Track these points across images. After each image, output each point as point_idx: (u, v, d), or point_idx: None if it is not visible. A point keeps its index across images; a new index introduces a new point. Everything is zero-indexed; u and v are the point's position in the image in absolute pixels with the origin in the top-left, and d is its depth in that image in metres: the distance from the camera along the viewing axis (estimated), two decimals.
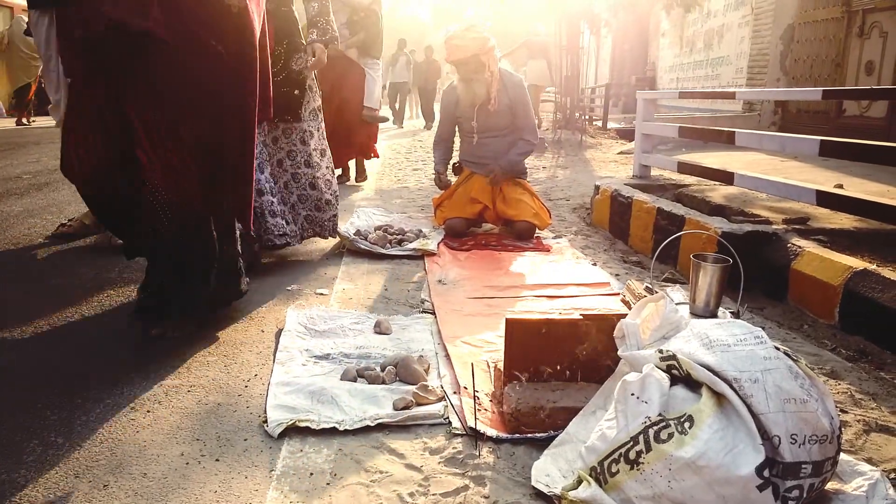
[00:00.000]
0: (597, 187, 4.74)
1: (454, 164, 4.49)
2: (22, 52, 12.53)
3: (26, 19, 15.66)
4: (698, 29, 13.21)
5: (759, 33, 10.08)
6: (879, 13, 7.68)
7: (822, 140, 3.15)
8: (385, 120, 6.27)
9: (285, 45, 3.34)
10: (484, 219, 4.33)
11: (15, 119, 13.55)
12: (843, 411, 1.91)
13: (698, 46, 13.21)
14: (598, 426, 1.47)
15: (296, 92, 3.39)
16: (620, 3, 11.42)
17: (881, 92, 5.35)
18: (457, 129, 4.46)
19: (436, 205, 4.46)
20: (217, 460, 1.65)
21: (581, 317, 1.87)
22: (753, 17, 10.31)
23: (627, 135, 10.64)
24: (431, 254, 3.65)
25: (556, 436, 1.68)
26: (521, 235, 4.03)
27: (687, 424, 1.32)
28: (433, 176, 4.55)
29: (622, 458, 1.36)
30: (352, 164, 6.65)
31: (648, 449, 1.33)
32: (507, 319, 1.85)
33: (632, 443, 1.35)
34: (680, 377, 1.43)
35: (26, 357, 2.23)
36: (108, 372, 2.13)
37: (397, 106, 16.79)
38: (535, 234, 4.11)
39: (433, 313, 2.73)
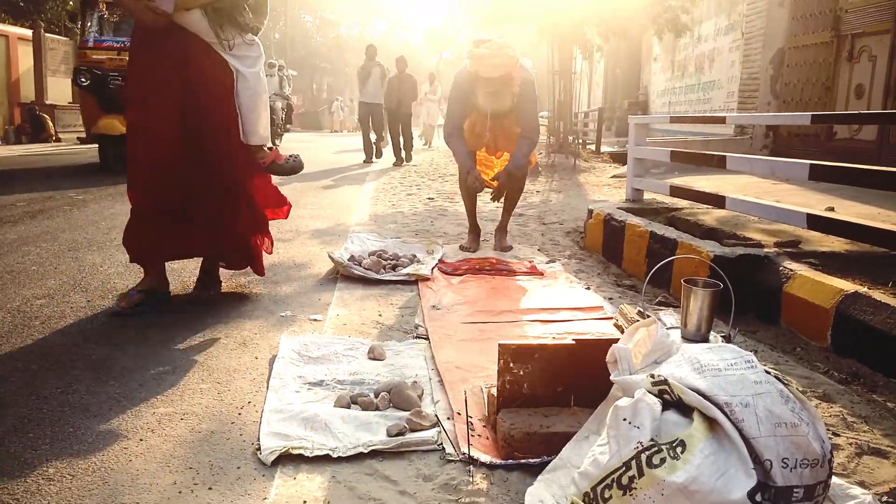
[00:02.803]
0: (590, 211, 4.76)
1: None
2: None
3: None
4: (689, 53, 13.36)
5: (750, 58, 10.20)
6: (868, 37, 7.78)
7: (811, 164, 3.18)
8: (297, 170, 3.42)
9: None
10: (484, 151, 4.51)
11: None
12: (835, 434, 1.92)
13: (690, 71, 13.36)
14: (591, 451, 1.47)
15: None
16: (612, 29, 11.54)
17: (871, 116, 5.41)
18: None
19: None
20: (210, 489, 1.65)
21: (574, 342, 1.87)
22: (744, 41, 10.43)
23: (620, 158, 10.70)
24: (425, 279, 3.66)
25: (550, 461, 1.68)
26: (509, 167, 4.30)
27: (679, 449, 1.32)
28: (459, 175, 4.50)
29: (615, 484, 1.36)
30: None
31: (641, 474, 1.33)
32: (500, 344, 1.86)
33: (624, 468, 1.35)
34: (672, 402, 1.43)
35: (15, 386, 2.23)
36: (99, 400, 2.12)
37: (373, 136, 13.10)
38: (531, 261, 4.13)
39: (427, 339, 2.73)
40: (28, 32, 17.77)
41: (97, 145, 9.26)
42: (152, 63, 2.95)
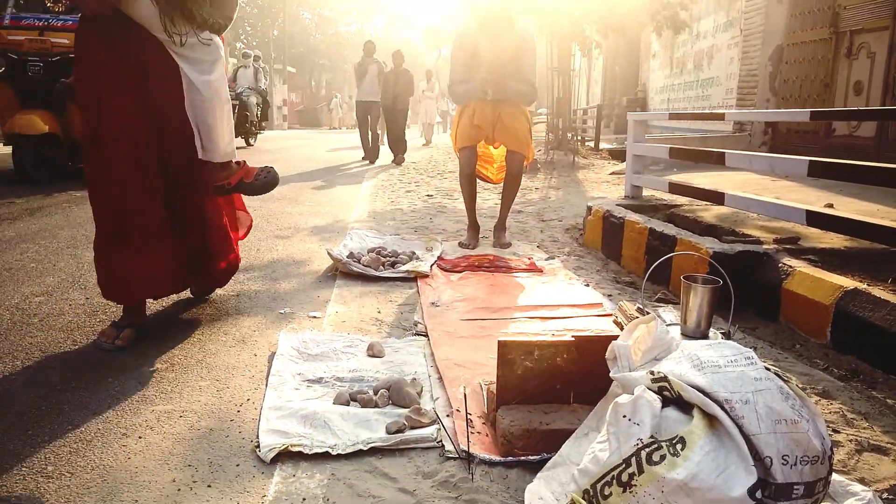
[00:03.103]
0: (589, 208, 4.76)
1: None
2: None
3: None
4: (688, 50, 13.34)
5: (749, 54, 10.19)
6: (867, 34, 7.77)
7: (810, 160, 3.17)
8: (270, 187, 3.03)
9: None
10: (484, 143, 4.53)
11: None
12: (835, 431, 1.91)
13: (688, 67, 13.34)
14: (591, 448, 1.47)
15: None
16: (611, 25, 11.53)
17: (869, 113, 5.41)
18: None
19: (453, 137, 4.58)
20: (209, 486, 1.65)
21: (573, 338, 1.87)
22: (742, 38, 10.42)
23: (619, 155, 10.70)
24: (424, 276, 3.66)
25: (550, 458, 1.68)
26: (509, 161, 4.34)
27: (679, 446, 1.32)
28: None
29: (615, 481, 1.36)
30: None
31: (641, 471, 1.33)
32: (499, 341, 1.86)
33: (624, 465, 1.35)
34: (671, 399, 1.43)
35: (15, 384, 2.22)
36: (98, 398, 2.12)
37: (373, 134, 12.14)
38: (530, 258, 4.13)
39: (426, 336, 2.73)
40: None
41: (10, 147, 7.24)
42: (107, 62, 2.47)
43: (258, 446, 1.80)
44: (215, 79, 2.63)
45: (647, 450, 1.34)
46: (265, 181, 2.96)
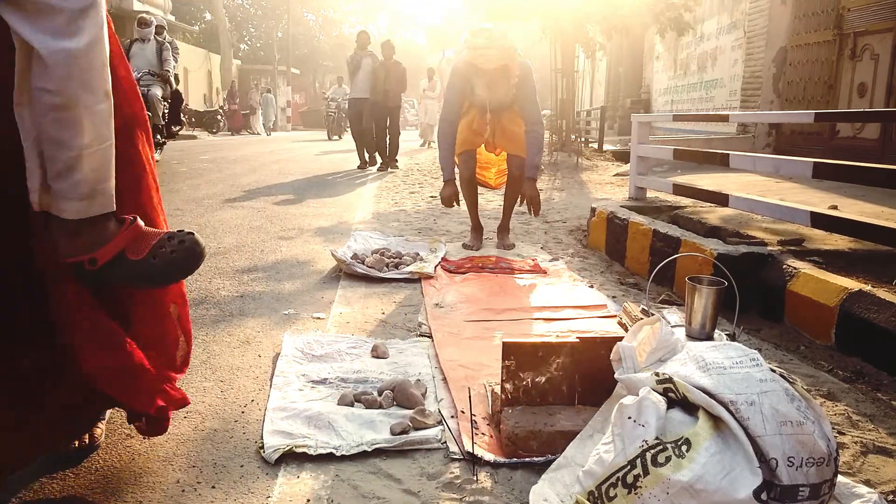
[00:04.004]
0: (593, 209, 4.75)
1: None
2: None
3: None
4: (692, 52, 13.34)
5: (752, 56, 10.18)
6: (871, 36, 7.76)
7: (815, 162, 3.17)
8: (189, 266, 1.49)
9: None
10: (483, 148, 4.48)
11: None
12: (840, 433, 1.91)
13: (692, 69, 13.33)
14: (596, 450, 1.47)
15: None
16: (615, 27, 11.53)
17: (873, 114, 5.40)
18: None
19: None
20: (213, 487, 1.65)
21: (578, 340, 1.87)
22: (746, 40, 10.41)
23: (623, 157, 10.70)
24: (428, 277, 3.66)
25: (554, 460, 1.68)
26: (510, 164, 4.31)
27: (684, 448, 1.32)
28: (439, 190, 4.40)
29: (620, 483, 1.36)
30: None
31: (646, 473, 1.32)
32: (503, 342, 1.86)
33: (629, 467, 1.35)
34: (676, 400, 1.43)
35: None
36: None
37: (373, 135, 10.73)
38: (534, 259, 4.13)
39: (430, 337, 2.73)
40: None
41: None
42: None
43: (262, 447, 1.80)
44: (83, 48, 1.26)
45: (652, 451, 1.34)
46: (171, 260, 1.46)
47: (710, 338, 1.98)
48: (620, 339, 1.74)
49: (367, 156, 10.75)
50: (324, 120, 21.97)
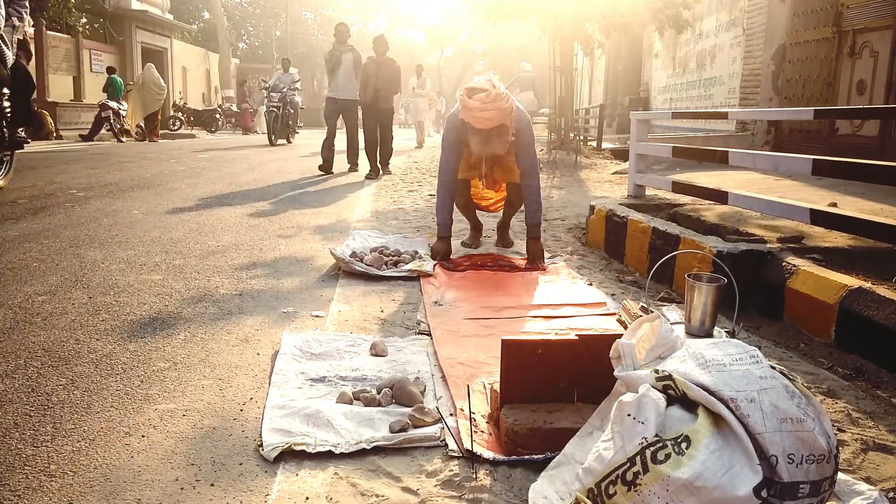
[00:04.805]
0: (592, 207, 4.75)
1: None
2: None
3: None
4: (691, 50, 13.33)
5: (751, 54, 10.17)
6: (870, 33, 7.75)
7: (814, 159, 3.17)
8: None
9: None
10: (480, 180, 4.39)
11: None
12: (840, 430, 1.91)
13: (691, 67, 13.33)
14: (595, 447, 1.46)
15: None
16: (613, 25, 11.52)
17: (872, 111, 5.40)
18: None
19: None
20: (212, 485, 1.64)
21: (577, 337, 1.87)
22: (745, 37, 10.41)
23: (622, 155, 10.69)
24: (427, 275, 3.65)
25: (554, 457, 1.67)
26: (510, 192, 4.27)
27: (684, 445, 1.32)
28: (434, 239, 4.29)
29: (619, 480, 1.35)
30: None
31: (646, 470, 1.32)
32: (503, 340, 1.85)
33: (629, 464, 1.35)
34: (676, 397, 1.42)
35: (17, 382, 2.22)
36: (101, 397, 2.11)
37: (351, 138, 9.85)
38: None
39: (429, 335, 2.72)
40: (30, 30, 17.76)
41: None
42: None
43: (261, 445, 1.80)
44: None
45: (651, 448, 1.33)
46: None
47: (709, 335, 1.98)
48: (620, 336, 1.73)
49: (332, 161, 9.65)
50: (264, 117, 17.38)
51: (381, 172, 9.38)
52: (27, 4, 6.48)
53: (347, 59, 9.38)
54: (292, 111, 16.59)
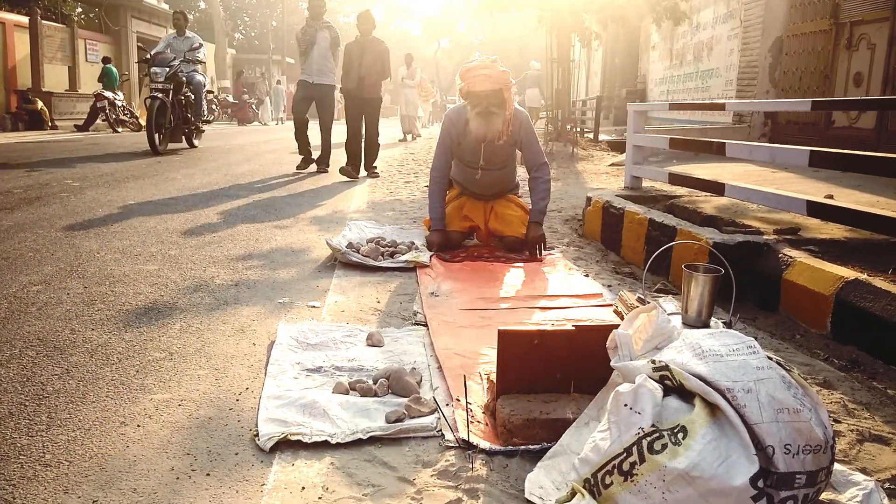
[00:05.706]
0: (588, 199, 4.75)
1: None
2: None
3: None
4: (688, 41, 13.31)
5: (749, 45, 10.16)
6: (867, 25, 7.75)
7: (811, 151, 3.16)
8: None
9: None
10: (475, 237, 4.34)
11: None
12: (836, 421, 1.91)
13: (688, 59, 13.31)
14: (592, 437, 1.46)
15: None
16: (611, 16, 11.49)
17: (869, 102, 5.40)
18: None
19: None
20: (208, 475, 1.64)
21: (573, 328, 1.86)
22: (742, 29, 10.39)
23: (618, 147, 10.68)
24: (424, 266, 3.65)
25: (550, 447, 1.67)
26: (511, 248, 4.06)
27: (680, 435, 1.32)
28: (426, 234, 4.26)
29: (616, 470, 1.35)
30: None
31: (642, 460, 1.32)
32: (499, 331, 1.85)
33: (625, 454, 1.35)
34: (673, 387, 1.42)
35: (12, 372, 2.21)
36: (96, 387, 2.11)
37: (324, 130, 8.48)
38: None
39: (425, 325, 2.72)
40: (25, 19, 17.65)
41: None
42: None
43: (257, 435, 1.79)
44: None
45: (648, 438, 1.33)
46: None
47: (706, 326, 1.98)
48: (616, 327, 1.73)
49: (311, 156, 8.53)
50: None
51: (360, 171, 8.12)
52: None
53: (323, 37, 8.01)
54: (193, 97, 10.45)
